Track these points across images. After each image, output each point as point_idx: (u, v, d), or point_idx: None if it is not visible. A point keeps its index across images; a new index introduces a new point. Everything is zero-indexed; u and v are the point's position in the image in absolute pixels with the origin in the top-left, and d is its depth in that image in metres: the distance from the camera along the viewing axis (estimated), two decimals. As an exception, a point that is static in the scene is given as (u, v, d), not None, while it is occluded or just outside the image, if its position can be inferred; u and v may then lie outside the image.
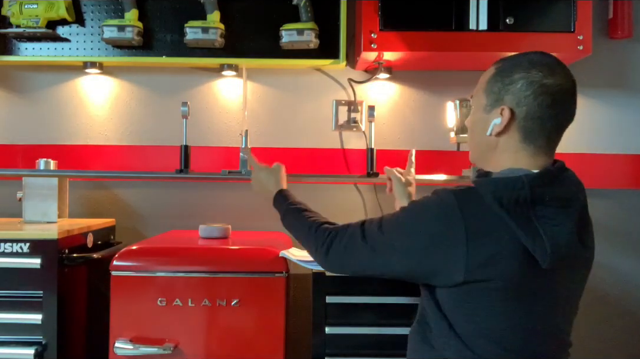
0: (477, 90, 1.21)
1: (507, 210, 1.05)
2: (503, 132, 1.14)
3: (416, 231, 1.13)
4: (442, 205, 1.11)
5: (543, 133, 1.13)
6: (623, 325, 2.34)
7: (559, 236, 1.06)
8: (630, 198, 2.34)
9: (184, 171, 2.04)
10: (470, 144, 1.26)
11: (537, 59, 1.13)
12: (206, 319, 1.65)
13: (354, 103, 2.26)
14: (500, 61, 1.18)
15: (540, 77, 1.10)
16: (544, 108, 1.10)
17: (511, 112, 1.12)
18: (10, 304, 1.72)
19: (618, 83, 2.33)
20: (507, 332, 1.10)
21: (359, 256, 1.23)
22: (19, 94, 2.31)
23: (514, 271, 1.06)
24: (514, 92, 1.11)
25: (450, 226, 1.08)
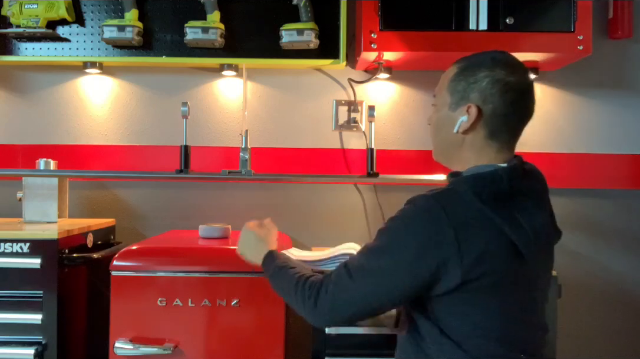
0: (439, 89, 1.23)
1: (488, 204, 1.07)
2: (470, 129, 1.16)
3: (404, 246, 1.09)
4: (424, 211, 1.09)
5: (507, 129, 1.16)
6: (623, 324, 2.34)
7: (537, 225, 1.10)
8: (630, 198, 2.34)
9: (184, 171, 2.04)
10: (435, 141, 1.26)
11: (499, 57, 1.16)
12: (206, 319, 1.65)
13: (354, 103, 2.26)
14: (462, 60, 1.20)
15: (504, 75, 1.13)
16: (508, 105, 1.13)
17: (478, 109, 1.14)
18: (10, 304, 1.73)
19: (618, 83, 2.33)
20: (503, 327, 1.11)
21: (350, 296, 1.14)
22: (19, 94, 2.32)
23: (503, 264, 1.08)
24: (479, 90, 1.14)
25: (437, 230, 1.06)
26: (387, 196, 2.30)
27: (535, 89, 2.47)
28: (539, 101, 2.42)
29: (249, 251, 1.44)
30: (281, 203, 2.31)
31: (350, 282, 1.13)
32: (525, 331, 1.14)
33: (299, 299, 1.21)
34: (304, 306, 1.20)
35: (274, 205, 2.31)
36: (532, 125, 2.37)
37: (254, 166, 2.18)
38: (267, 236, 1.45)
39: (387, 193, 2.30)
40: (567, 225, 2.31)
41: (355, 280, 1.13)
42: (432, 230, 1.07)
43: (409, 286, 1.10)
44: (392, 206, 2.31)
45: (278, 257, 1.37)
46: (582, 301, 2.33)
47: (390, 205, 2.31)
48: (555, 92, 2.32)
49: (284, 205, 2.32)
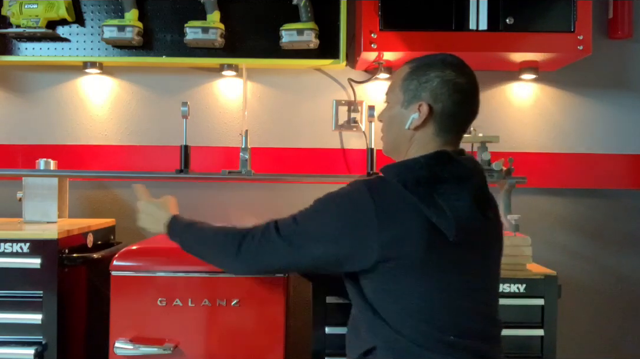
0: (392, 88, 1.31)
1: (411, 190, 1.15)
2: (420, 125, 1.23)
3: (331, 217, 1.20)
4: (354, 191, 1.20)
5: (454, 127, 1.24)
6: (623, 324, 2.34)
7: (460, 209, 1.16)
8: (630, 198, 2.34)
9: (184, 171, 2.04)
10: (386, 137, 1.34)
11: (449, 59, 1.24)
12: (206, 319, 1.65)
13: (354, 103, 2.26)
14: (413, 61, 1.27)
15: (454, 76, 1.21)
16: (457, 104, 1.22)
17: (429, 107, 1.22)
18: (10, 304, 1.73)
19: (618, 83, 2.33)
20: (429, 308, 1.16)
21: (274, 251, 1.25)
22: (19, 94, 2.31)
23: (423, 246, 1.14)
24: (430, 89, 1.22)
25: (361, 209, 1.16)
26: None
27: (535, 89, 2.47)
28: (538, 100, 2.43)
29: (150, 222, 1.49)
30: (281, 203, 2.31)
31: (278, 239, 1.24)
32: (456, 315, 1.18)
33: (219, 248, 1.32)
34: (225, 255, 1.31)
35: (274, 205, 2.31)
36: (532, 125, 2.39)
37: (254, 166, 2.17)
38: (165, 204, 1.50)
39: (387, 193, 2.30)
40: (567, 225, 2.33)
41: (283, 237, 1.24)
42: (357, 209, 1.16)
43: (328, 255, 1.20)
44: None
45: (183, 218, 1.44)
46: (582, 301, 2.32)
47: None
48: (555, 92, 2.32)
49: (284, 205, 2.31)
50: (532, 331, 1.72)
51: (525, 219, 1.95)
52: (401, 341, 1.16)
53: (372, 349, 1.20)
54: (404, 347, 1.16)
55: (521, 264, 1.74)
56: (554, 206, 2.33)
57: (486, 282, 1.25)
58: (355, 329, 1.27)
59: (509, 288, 1.71)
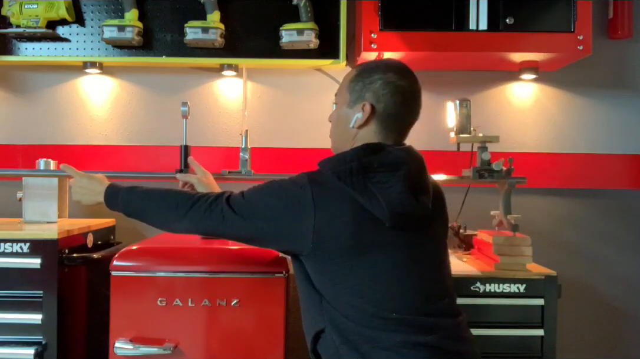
0: (340, 89, 1.38)
1: (344, 180, 1.22)
2: (364, 124, 1.31)
3: (274, 197, 1.29)
4: (297, 180, 1.29)
5: (395, 126, 1.32)
6: (623, 324, 2.34)
7: (392, 196, 1.22)
8: (630, 198, 2.34)
9: (184, 171, 2.04)
10: (334, 136, 1.41)
11: (392, 64, 1.34)
12: (206, 319, 1.65)
13: (354, 103, 2.26)
14: (361, 64, 1.36)
15: (395, 79, 1.30)
16: (398, 105, 1.30)
17: (372, 107, 1.29)
18: (10, 304, 1.73)
19: (618, 83, 2.33)
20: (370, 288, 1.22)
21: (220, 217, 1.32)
22: (19, 94, 2.32)
23: (354, 230, 1.22)
24: (373, 90, 1.30)
25: (300, 195, 1.25)
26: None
27: (535, 89, 2.47)
28: (538, 100, 2.43)
29: (84, 194, 1.55)
30: (281, 203, 2.31)
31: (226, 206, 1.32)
32: (395, 293, 1.23)
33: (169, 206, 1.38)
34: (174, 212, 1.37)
35: (274, 205, 2.31)
36: (532, 125, 2.38)
37: (254, 166, 2.17)
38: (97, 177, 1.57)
39: (387, 193, 2.30)
40: (567, 225, 2.33)
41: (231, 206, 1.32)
42: (296, 195, 1.25)
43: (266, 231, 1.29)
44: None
45: (121, 184, 1.50)
46: (582, 301, 2.32)
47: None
48: (555, 92, 2.32)
49: (284, 205, 2.31)
50: (532, 331, 1.72)
51: (525, 219, 1.95)
52: (345, 322, 1.23)
53: (321, 332, 1.28)
54: (348, 327, 1.22)
55: (521, 264, 1.74)
56: (554, 206, 2.33)
57: (425, 262, 1.29)
58: (307, 311, 1.34)
59: (509, 288, 1.71)
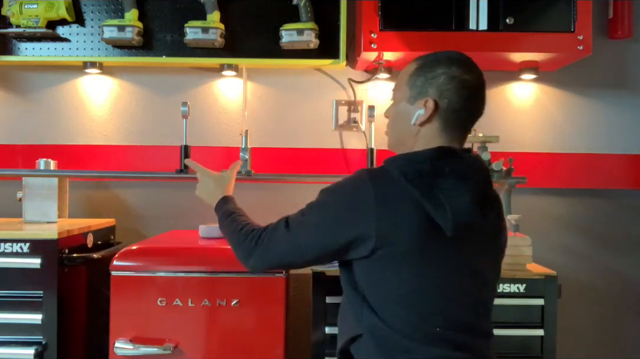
0: (398, 84, 1.30)
1: (411, 182, 1.16)
2: (426, 121, 1.24)
3: (333, 205, 1.23)
4: (356, 180, 1.21)
5: (459, 123, 1.24)
6: (623, 324, 2.34)
7: (459, 205, 1.16)
8: (630, 198, 2.34)
9: (184, 171, 2.04)
10: (391, 132, 1.34)
11: (455, 56, 1.24)
12: (206, 319, 1.65)
13: (354, 103, 2.26)
14: (421, 58, 1.28)
15: (460, 73, 1.21)
16: (462, 101, 1.22)
17: (435, 103, 1.22)
18: (10, 304, 1.73)
19: (618, 83, 2.33)
20: (419, 298, 1.18)
21: (284, 244, 1.28)
22: (19, 94, 2.32)
23: (417, 236, 1.15)
24: (437, 86, 1.22)
25: (361, 197, 1.18)
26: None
27: (535, 89, 2.47)
28: (538, 100, 2.43)
29: (206, 195, 1.60)
30: (281, 203, 2.31)
31: (287, 233, 1.27)
32: (443, 307, 1.19)
33: (240, 242, 1.35)
34: (243, 250, 1.34)
35: (274, 205, 2.31)
36: (532, 125, 2.38)
37: (254, 166, 2.17)
38: (224, 183, 1.61)
39: (387, 193, 2.30)
40: (567, 225, 2.33)
41: (291, 229, 1.27)
42: (358, 197, 1.18)
43: (331, 245, 1.22)
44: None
45: (230, 202, 1.53)
46: (582, 301, 2.32)
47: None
48: (555, 92, 2.32)
49: (284, 205, 2.31)
50: (532, 331, 1.72)
51: (525, 219, 1.94)
52: (385, 330, 1.18)
53: (358, 337, 1.23)
54: (388, 335, 1.18)
55: (521, 264, 1.74)
56: (554, 206, 2.33)
57: (478, 279, 1.24)
58: (344, 316, 1.30)
59: (509, 288, 1.71)
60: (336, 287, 1.67)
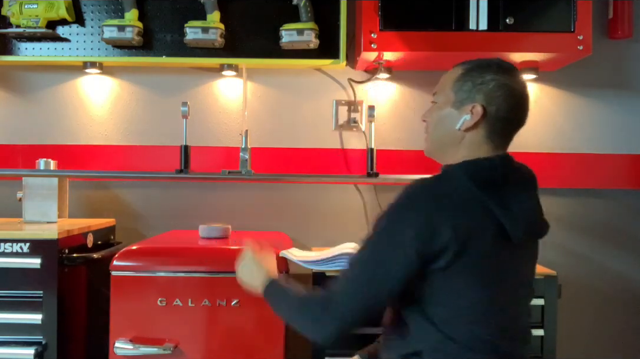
0: (442, 88, 1.28)
1: (482, 188, 1.14)
2: (471, 127, 1.21)
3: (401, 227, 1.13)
4: (418, 195, 1.16)
5: (506, 131, 1.23)
6: (623, 324, 2.34)
7: (526, 212, 1.17)
8: (630, 198, 2.34)
9: (184, 171, 2.04)
10: (432, 137, 1.30)
11: (504, 64, 1.23)
12: (206, 319, 1.65)
13: (354, 103, 2.26)
14: (466, 63, 1.26)
15: (510, 81, 1.20)
16: (510, 109, 1.20)
17: (483, 109, 1.19)
18: (10, 304, 1.73)
19: (618, 83, 2.33)
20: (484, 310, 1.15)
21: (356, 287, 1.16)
22: (19, 94, 2.32)
23: (490, 244, 1.13)
24: (485, 92, 1.20)
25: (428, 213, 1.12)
26: (387, 196, 2.30)
27: (535, 89, 2.47)
28: (538, 100, 2.43)
29: (248, 276, 1.42)
30: (281, 203, 2.31)
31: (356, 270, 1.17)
32: (505, 318, 1.18)
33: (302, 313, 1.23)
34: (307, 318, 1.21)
35: (274, 205, 2.31)
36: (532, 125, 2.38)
37: (254, 166, 2.18)
38: (266, 263, 1.43)
39: (387, 193, 2.30)
40: (567, 225, 2.33)
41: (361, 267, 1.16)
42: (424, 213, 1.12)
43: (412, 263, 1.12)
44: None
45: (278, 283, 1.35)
46: (582, 301, 2.32)
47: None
48: (555, 92, 2.32)
49: (284, 205, 2.32)
50: (532, 331, 1.72)
51: (525, 219, 1.95)
52: (450, 345, 1.14)
53: (418, 353, 1.17)
54: (453, 350, 1.14)
55: (521, 264, 1.74)
56: (554, 206, 2.32)
57: (526, 285, 1.25)
58: (399, 329, 1.22)
59: (509, 288, 1.71)
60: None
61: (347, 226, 2.29)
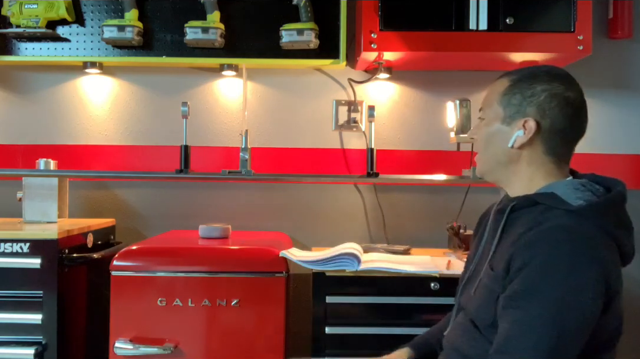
0: (489, 102, 1.19)
1: (612, 235, 1.08)
2: (526, 144, 1.12)
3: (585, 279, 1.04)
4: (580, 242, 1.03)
5: (565, 144, 1.14)
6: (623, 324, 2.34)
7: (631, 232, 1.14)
8: (630, 198, 2.33)
9: (184, 171, 2.04)
10: (484, 156, 1.20)
11: (555, 71, 1.15)
12: (206, 319, 1.65)
13: (354, 103, 2.26)
14: (513, 73, 1.17)
15: (563, 90, 1.12)
16: (568, 119, 1.12)
17: (537, 123, 1.11)
18: (10, 304, 1.73)
19: (618, 83, 2.33)
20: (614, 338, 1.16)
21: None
22: (19, 94, 2.31)
23: (620, 285, 1.12)
24: (537, 104, 1.11)
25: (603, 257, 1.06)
26: (387, 196, 2.30)
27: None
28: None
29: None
30: (281, 203, 2.31)
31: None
32: None
33: None
34: None
35: (274, 205, 2.31)
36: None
37: (254, 166, 2.17)
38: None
39: (387, 193, 2.30)
40: (567, 225, 2.33)
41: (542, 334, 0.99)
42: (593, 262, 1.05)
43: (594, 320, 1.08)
44: (392, 206, 2.31)
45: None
46: (582, 301, 2.32)
47: (390, 205, 2.31)
48: (555, 92, 2.32)
49: (284, 205, 2.32)
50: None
51: (525, 219, 1.95)
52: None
53: None
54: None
55: (521, 264, 1.74)
56: (554, 206, 2.32)
57: None
58: None
59: (509, 288, 1.71)
60: (336, 287, 1.68)
61: (347, 226, 2.29)
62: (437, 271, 1.70)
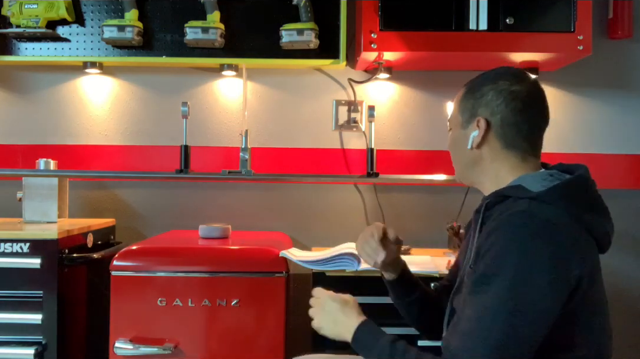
0: (452, 113, 1.25)
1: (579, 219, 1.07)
2: (482, 142, 1.17)
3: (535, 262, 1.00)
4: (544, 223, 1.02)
5: (522, 137, 1.16)
6: (623, 325, 2.34)
7: (606, 220, 1.14)
8: (630, 198, 2.34)
9: (184, 171, 2.04)
10: (455, 162, 1.26)
11: (502, 71, 1.20)
12: (206, 319, 1.65)
13: (354, 103, 2.26)
14: (470, 81, 1.23)
15: (507, 86, 1.15)
16: (516, 113, 1.15)
17: (486, 122, 1.16)
18: (10, 304, 1.73)
19: (618, 83, 2.33)
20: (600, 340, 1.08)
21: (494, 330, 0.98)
22: (19, 94, 2.32)
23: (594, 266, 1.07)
24: (485, 104, 1.16)
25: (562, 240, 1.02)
26: (387, 196, 2.30)
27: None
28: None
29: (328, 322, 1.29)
30: (281, 203, 2.31)
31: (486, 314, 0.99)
32: (609, 345, 1.10)
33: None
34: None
35: (274, 205, 2.31)
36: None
37: (254, 166, 2.17)
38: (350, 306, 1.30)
39: (387, 193, 2.30)
40: (567, 225, 2.33)
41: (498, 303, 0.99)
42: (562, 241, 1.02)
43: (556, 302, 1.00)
44: (392, 206, 2.31)
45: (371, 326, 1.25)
46: (582, 301, 2.32)
47: (390, 205, 2.31)
48: (555, 92, 2.32)
49: (284, 205, 2.32)
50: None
51: (525, 219, 1.95)
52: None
53: None
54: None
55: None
56: (554, 206, 2.32)
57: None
58: None
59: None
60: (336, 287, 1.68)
61: (347, 226, 2.29)
62: (437, 271, 1.70)
